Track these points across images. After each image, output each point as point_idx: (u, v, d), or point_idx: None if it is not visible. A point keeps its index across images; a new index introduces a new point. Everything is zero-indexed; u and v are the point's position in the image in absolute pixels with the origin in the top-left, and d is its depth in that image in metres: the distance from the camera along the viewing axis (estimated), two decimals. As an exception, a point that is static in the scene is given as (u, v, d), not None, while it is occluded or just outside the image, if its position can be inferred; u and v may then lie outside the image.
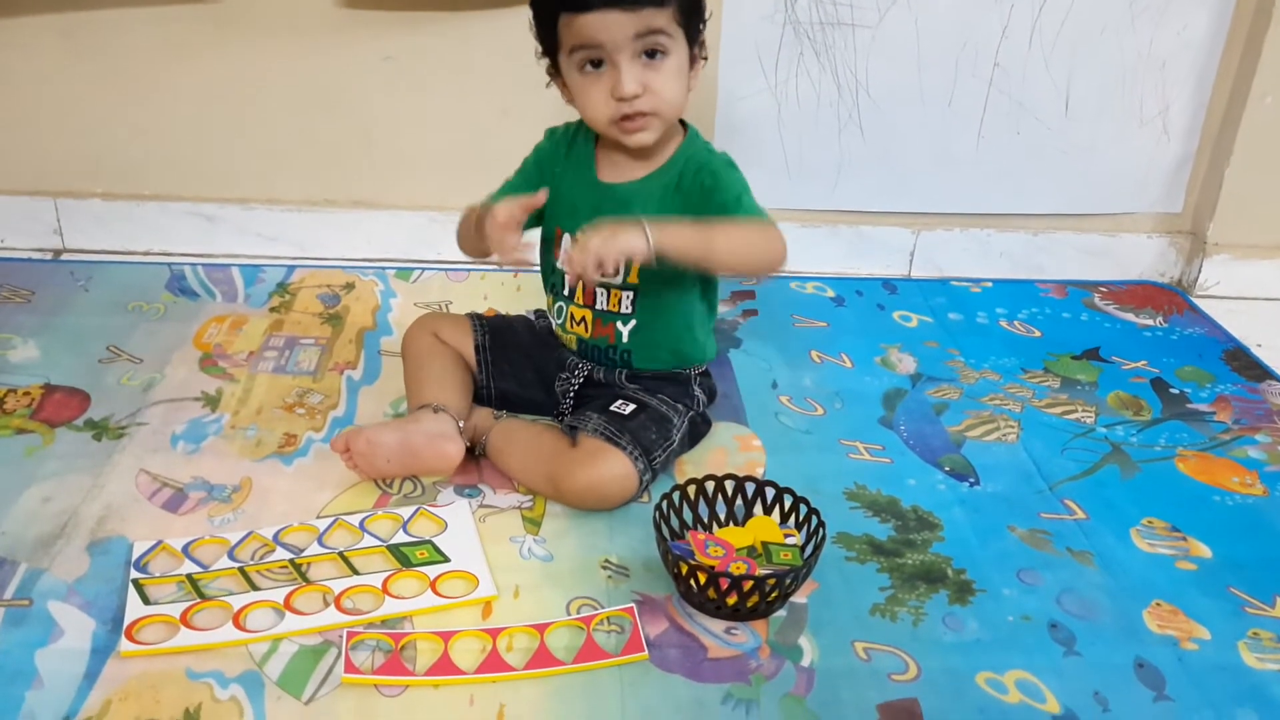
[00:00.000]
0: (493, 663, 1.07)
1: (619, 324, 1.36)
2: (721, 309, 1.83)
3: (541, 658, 1.08)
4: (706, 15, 1.28)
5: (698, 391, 1.42)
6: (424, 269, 1.93)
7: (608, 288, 1.34)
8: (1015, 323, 1.85)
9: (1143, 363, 1.74)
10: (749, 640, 1.13)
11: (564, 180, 1.35)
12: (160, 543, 1.21)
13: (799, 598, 1.18)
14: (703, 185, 1.29)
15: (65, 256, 1.93)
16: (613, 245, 1.16)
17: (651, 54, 1.21)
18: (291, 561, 1.20)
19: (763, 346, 1.72)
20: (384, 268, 1.93)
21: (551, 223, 1.38)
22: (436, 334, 1.45)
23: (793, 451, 1.45)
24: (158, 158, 1.90)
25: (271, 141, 1.89)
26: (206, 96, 1.85)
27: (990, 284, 1.99)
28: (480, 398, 1.45)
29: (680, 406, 1.38)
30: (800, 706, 1.05)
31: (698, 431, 1.43)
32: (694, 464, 1.40)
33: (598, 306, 1.36)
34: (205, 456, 1.38)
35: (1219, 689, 1.10)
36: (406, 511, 1.28)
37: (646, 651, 1.09)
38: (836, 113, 1.90)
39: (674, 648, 1.11)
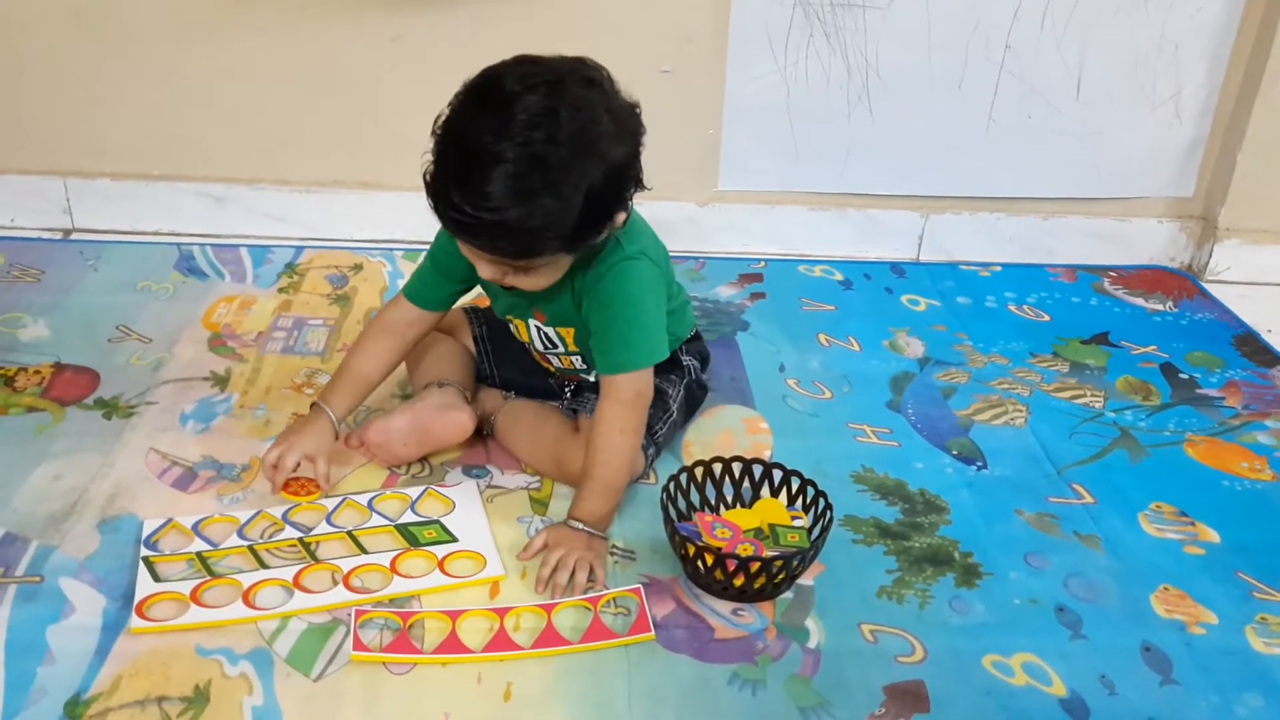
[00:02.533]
0: (500, 642, 1.08)
1: (582, 373, 1.37)
2: (728, 292, 1.83)
3: (549, 637, 1.09)
4: (633, 192, 1.14)
5: (688, 360, 1.41)
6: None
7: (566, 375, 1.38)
8: (1024, 307, 1.85)
9: (1152, 348, 1.73)
10: (756, 621, 1.13)
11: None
12: (170, 521, 1.21)
13: (806, 580, 1.19)
14: (590, 294, 1.21)
15: (75, 236, 1.93)
16: (568, 569, 1.15)
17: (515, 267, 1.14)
18: (300, 540, 1.20)
19: (770, 330, 1.72)
20: (392, 249, 1.93)
21: (492, 302, 1.36)
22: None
23: (800, 434, 1.45)
24: (166, 138, 1.89)
25: (280, 122, 1.89)
26: (215, 76, 1.85)
27: (999, 268, 1.98)
28: (488, 383, 1.45)
29: (674, 377, 1.38)
30: (806, 687, 1.05)
31: (695, 398, 1.43)
32: (701, 446, 1.40)
33: (555, 365, 1.38)
34: (214, 436, 1.38)
35: (1226, 673, 1.10)
36: (414, 491, 1.29)
37: (653, 632, 1.10)
38: (846, 95, 1.89)
39: (681, 628, 1.11)
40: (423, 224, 1.84)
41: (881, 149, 1.93)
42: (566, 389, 1.41)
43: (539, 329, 1.31)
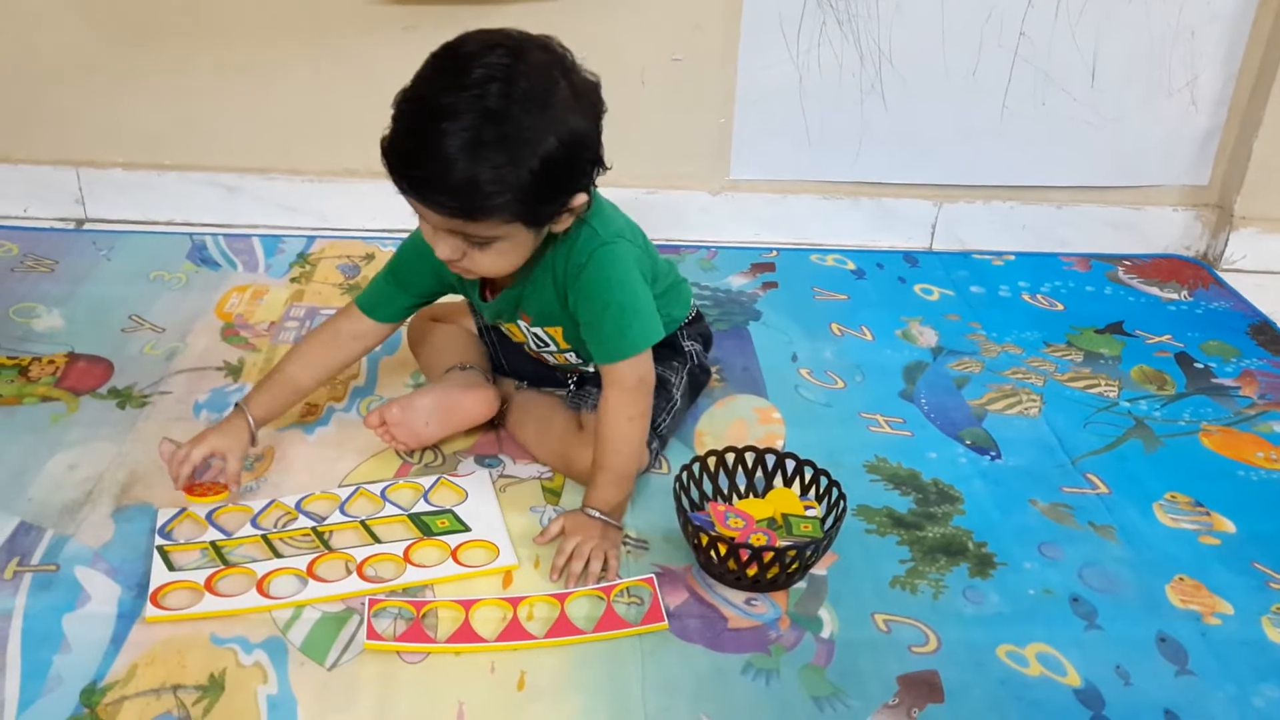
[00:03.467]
0: (513, 631, 1.08)
1: (580, 367, 1.37)
2: (741, 281, 1.83)
3: (562, 627, 1.09)
4: (594, 172, 1.12)
5: (689, 345, 1.40)
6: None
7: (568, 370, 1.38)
8: (1038, 296, 1.84)
9: (1167, 337, 1.72)
10: (769, 611, 1.13)
11: (461, 279, 1.26)
12: (184, 510, 1.22)
13: (819, 569, 1.18)
14: (574, 287, 1.19)
15: (88, 226, 1.93)
16: (584, 558, 1.15)
17: (472, 241, 1.10)
18: (314, 529, 1.21)
19: (783, 319, 1.71)
20: (403, 239, 1.92)
21: (463, 295, 1.34)
22: (438, 319, 1.45)
23: (813, 424, 1.44)
24: (179, 128, 1.90)
25: (292, 112, 1.89)
26: (228, 67, 1.85)
27: (1013, 257, 1.97)
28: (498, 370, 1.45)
29: (675, 364, 1.37)
30: (820, 677, 1.05)
31: (698, 383, 1.43)
32: (714, 436, 1.40)
33: (550, 362, 1.37)
34: (228, 425, 1.38)
35: (1242, 664, 1.09)
36: (427, 481, 1.29)
37: (666, 622, 1.10)
38: (859, 83, 1.88)
39: (694, 618, 1.11)
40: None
41: (894, 137, 1.92)
42: (571, 381, 1.41)
43: (529, 331, 1.30)
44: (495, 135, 1.02)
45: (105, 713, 0.97)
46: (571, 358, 1.34)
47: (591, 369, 1.35)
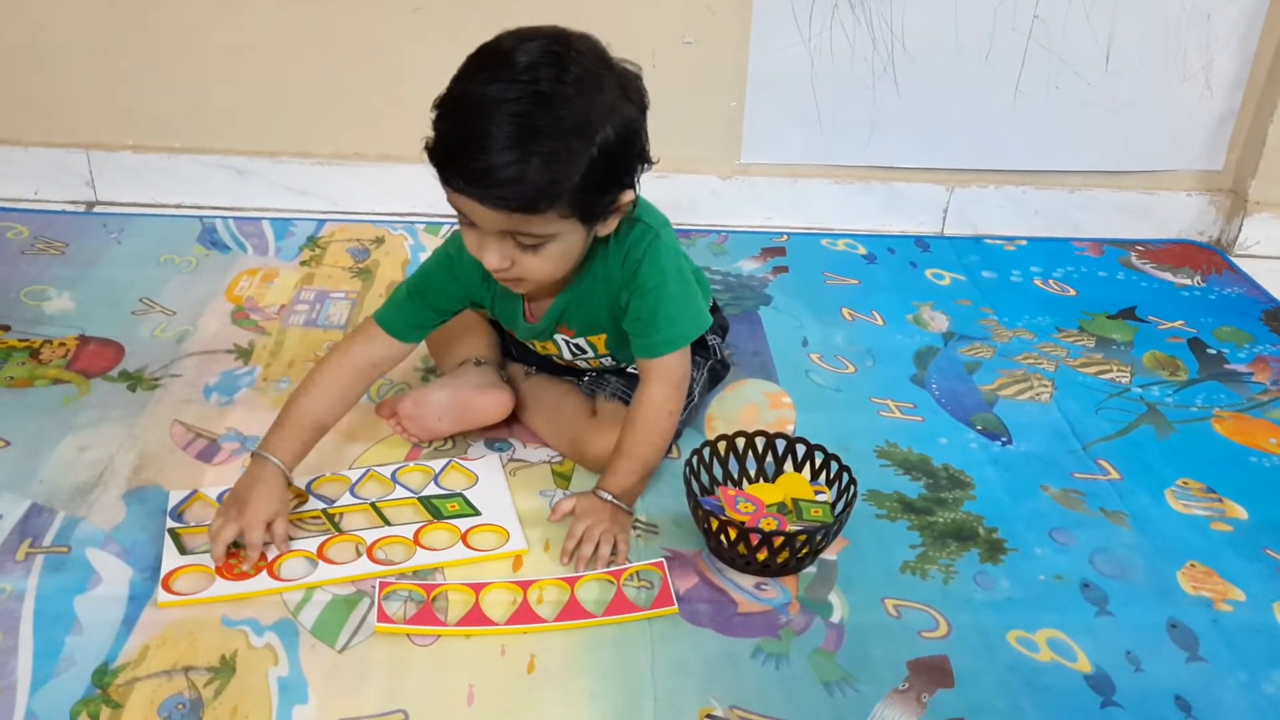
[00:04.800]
0: (524, 614, 1.08)
1: (606, 362, 1.34)
2: (751, 266, 1.82)
3: (572, 610, 1.09)
4: (641, 168, 1.09)
5: (711, 338, 1.40)
6: (453, 223, 1.91)
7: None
8: (1050, 281, 1.83)
9: (1180, 322, 1.72)
10: (779, 596, 1.13)
11: (499, 299, 1.25)
12: (195, 492, 1.22)
13: (829, 554, 1.18)
14: (634, 285, 1.17)
15: (98, 209, 1.93)
16: (594, 541, 1.15)
17: (524, 244, 1.06)
18: (324, 511, 1.21)
19: (794, 304, 1.71)
20: (413, 222, 1.92)
21: (500, 319, 1.32)
22: None
23: (823, 409, 1.44)
24: (189, 110, 1.89)
25: (302, 95, 1.88)
26: (238, 49, 1.84)
27: (1025, 242, 1.96)
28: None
29: (698, 359, 1.37)
30: (830, 662, 1.05)
31: (716, 376, 1.42)
32: (724, 421, 1.40)
33: (581, 368, 1.35)
34: (238, 408, 1.39)
35: (1253, 650, 1.09)
36: (438, 464, 1.29)
37: (676, 606, 1.10)
38: (871, 66, 1.87)
39: (704, 602, 1.11)
40: (444, 197, 1.84)
41: (906, 121, 1.91)
42: (589, 373, 1.40)
43: (567, 342, 1.29)
44: (550, 120, 0.97)
45: (117, 693, 0.98)
46: (606, 361, 1.32)
47: (622, 365, 1.34)
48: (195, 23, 1.82)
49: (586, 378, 1.39)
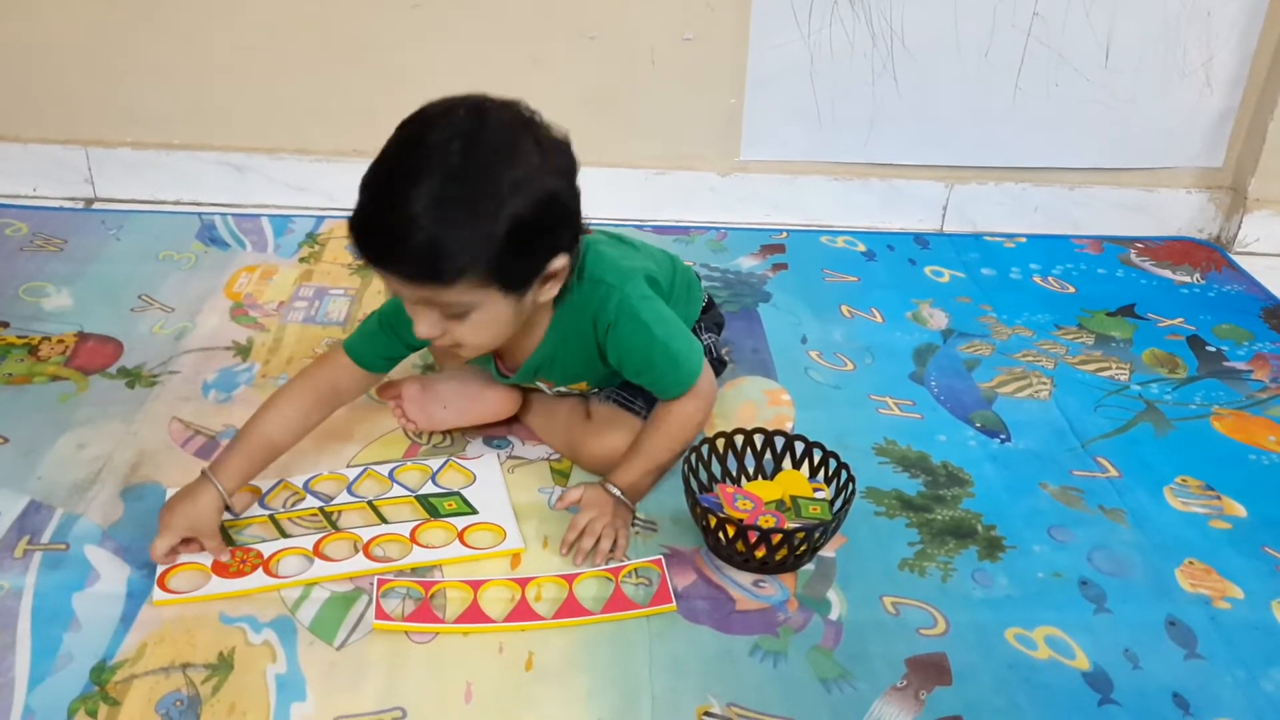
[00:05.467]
0: (522, 611, 1.08)
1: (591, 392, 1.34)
2: (750, 263, 1.82)
3: (570, 608, 1.09)
4: (571, 233, 1.08)
5: (706, 338, 1.40)
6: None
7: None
8: (1049, 278, 1.83)
9: (1179, 320, 1.71)
10: (777, 593, 1.13)
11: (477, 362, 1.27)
12: (193, 489, 1.22)
13: (827, 552, 1.18)
14: (610, 342, 1.17)
15: (96, 205, 1.93)
16: (595, 535, 1.15)
17: (448, 314, 1.05)
18: (321, 509, 1.21)
19: (792, 301, 1.71)
20: (413, 219, 1.92)
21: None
22: None
23: (822, 406, 1.44)
24: (188, 107, 1.89)
25: (301, 91, 1.88)
26: (236, 46, 1.84)
27: (1024, 239, 1.96)
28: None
29: None
30: (828, 659, 1.05)
31: (714, 372, 1.42)
32: (723, 418, 1.40)
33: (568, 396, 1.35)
34: (237, 405, 1.38)
35: (1252, 648, 1.09)
36: (435, 463, 1.29)
37: (675, 603, 1.10)
38: (870, 63, 1.86)
39: (702, 600, 1.11)
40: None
41: (906, 118, 1.91)
42: None
43: (550, 390, 1.31)
44: (458, 193, 0.98)
45: (115, 690, 0.98)
46: (588, 389, 1.33)
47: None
48: (194, 20, 1.82)
49: None
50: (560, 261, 1.07)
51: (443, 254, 0.98)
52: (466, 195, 0.98)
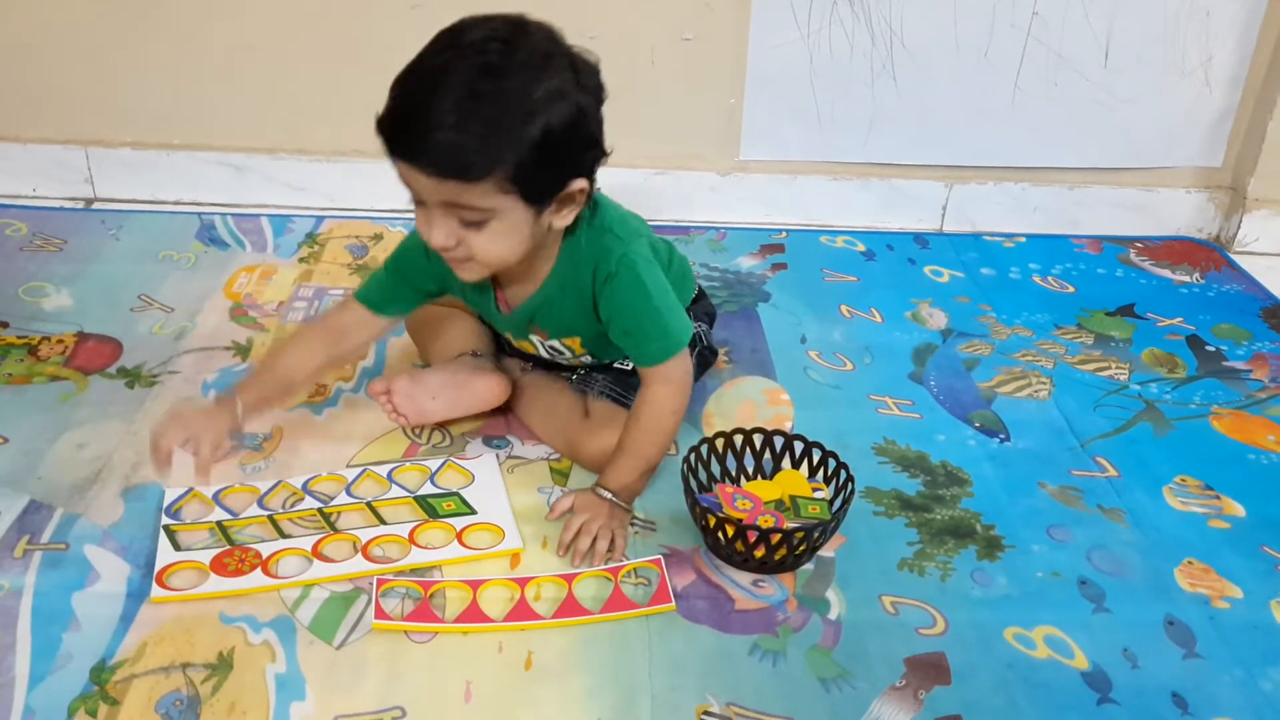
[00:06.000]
0: (521, 611, 1.08)
1: (587, 360, 1.35)
2: (750, 263, 1.82)
3: (569, 607, 1.09)
4: (593, 158, 1.09)
5: (697, 325, 1.39)
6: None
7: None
8: (1049, 278, 1.83)
9: (1179, 319, 1.71)
10: (776, 593, 1.13)
11: (473, 300, 1.29)
12: (191, 490, 1.22)
13: (827, 551, 1.18)
14: (605, 295, 1.18)
15: (96, 205, 1.93)
16: (590, 536, 1.15)
17: (467, 220, 1.06)
18: (320, 510, 1.21)
19: (792, 301, 1.71)
20: (412, 219, 1.91)
21: (474, 307, 1.34)
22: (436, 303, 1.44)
23: (821, 406, 1.44)
24: (187, 107, 1.89)
25: (300, 91, 1.88)
26: (236, 46, 1.84)
27: (1024, 239, 1.96)
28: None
29: None
30: (827, 659, 1.05)
31: (706, 363, 1.42)
32: (722, 418, 1.40)
33: (563, 366, 1.36)
34: (236, 405, 1.38)
35: (1250, 647, 1.09)
36: (434, 463, 1.29)
37: (674, 603, 1.10)
38: (870, 63, 1.87)
39: (701, 599, 1.11)
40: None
41: (905, 118, 1.91)
42: (578, 370, 1.40)
43: (542, 343, 1.30)
44: (492, 89, 0.98)
45: (115, 690, 0.98)
46: (587, 359, 1.33)
47: (605, 361, 1.35)
48: (194, 19, 1.82)
49: (576, 375, 1.39)
50: (580, 184, 1.08)
51: (473, 149, 0.99)
52: (502, 95, 0.99)
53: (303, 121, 1.91)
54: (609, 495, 1.19)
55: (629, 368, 1.33)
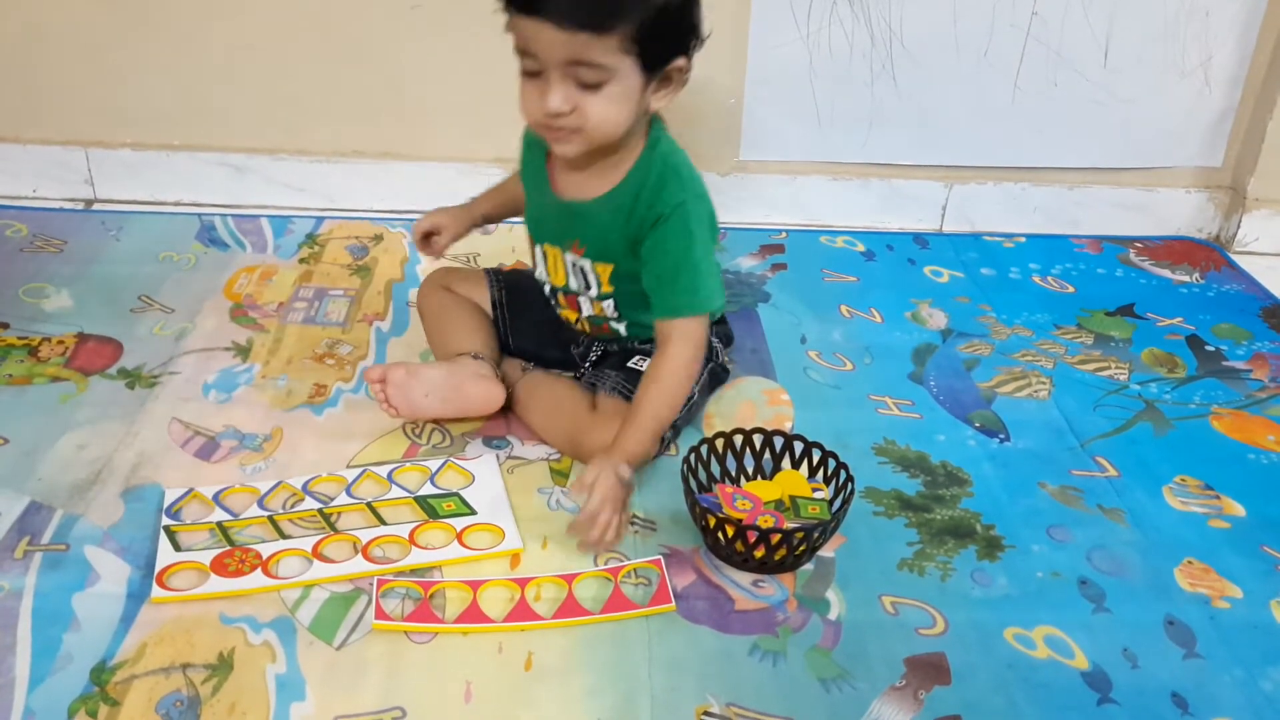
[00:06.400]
0: (521, 612, 1.08)
1: (612, 322, 1.35)
2: (750, 263, 1.82)
3: (569, 608, 1.09)
4: (694, 39, 1.17)
5: (714, 341, 1.40)
6: (452, 221, 1.92)
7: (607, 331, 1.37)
8: (1049, 278, 1.83)
9: (1178, 319, 1.71)
10: (776, 593, 1.13)
11: (529, 189, 1.35)
12: (191, 490, 1.22)
13: (827, 551, 1.18)
14: (652, 235, 1.22)
15: (96, 206, 1.93)
16: (605, 513, 1.14)
17: (585, 81, 1.11)
18: (320, 511, 1.21)
19: (792, 301, 1.71)
20: (412, 219, 1.91)
21: (529, 226, 1.38)
22: (450, 289, 1.45)
23: (822, 406, 1.44)
24: (188, 107, 1.89)
25: (300, 92, 1.88)
26: (236, 46, 1.84)
27: (1024, 239, 1.96)
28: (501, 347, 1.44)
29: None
30: (827, 659, 1.05)
31: (717, 380, 1.42)
32: (722, 418, 1.40)
33: (585, 312, 1.36)
34: (237, 406, 1.39)
35: (1250, 647, 1.09)
36: (434, 463, 1.29)
37: (674, 603, 1.10)
38: (869, 63, 1.87)
39: (701, 599, 1.12)
40: (444, 194, 1.85)
41: (905, 118, 1.91)
42: (592, 353, 1.40)
43: (575, 264, 1.30)
44: None
45: (115, 691, 0.98)
46: (608, 308, 1.33)
47: (623, 330, 1.35)
48: (194, 20, 1.82)
49: (586, 369, 1.39)
50: (681, 62, 1.16)
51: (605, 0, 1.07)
52: None
53: (303, 122, 1.91)
54: (629, 475, 1.18)
55: (643, 367, 1.32)
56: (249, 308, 1.61)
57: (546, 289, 1.38)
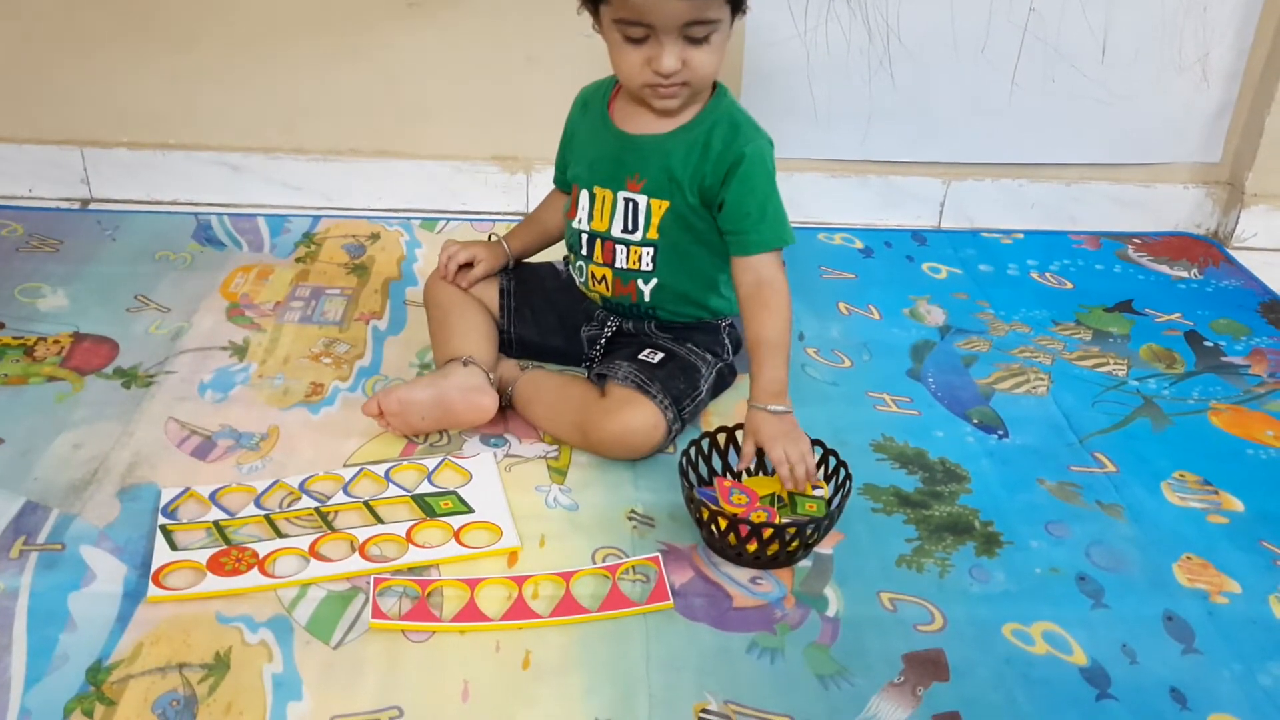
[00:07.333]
0: (519, 610, 1.08)
1: (640, 282, 1.35)
2: (748, 260, 1.81)
3: (567, 605, 1.09)
4: None
5: (726, 341, 1.41)
6: (449, 219, 1.92)
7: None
8: (1047, 274, 1.83)
9: (1177, 315, 1.71)
10: (774, 590, 1.13)
11: (579, 134, 1.38)
12: (188, 489, 1.22)
13: (824, 548, 1.18)
14: (732, 172, 1.27)
15: (93, 206, 1.93)
16: (802, 458, 1.19)
17: (695, 37, 1.19)
18: (317, 510, 1.21)
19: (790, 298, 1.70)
20: (409, 218, 1.92)
21: (571, 181, 1.38)
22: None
23: (820, 403, 1.44)
24: (184, 107, 1.89)
25: (296, 91, 1.88)
26: (232, 45, 1.84)
27: (1022, 235, 1.96)
28: (499, 343, 1.44)
29: (709, 356, 1.37)
30: (825, 656, 1.05)
31: (723, 382, 1.43)
32: (721, 414, 1.40)
33: (617, 265, 1.35)
34: (233, 405, 1.38)
35: (1249, 642, 1.09)
36: (431, 462, 1.29)
37: (672, 600, 1.10)
38: (867, 60, 1.86)
39: (699, 597, 1.11)
40: (441, 192, 1.85)
41: (903, 115, 1.90)
42: (605, 331, 1.39)
43: (628, 200, 1.31)
44: None
45: (111, 691, 0.98)
46: (645, 258, 1.33)
47: (648, 296, 1.35)
48: (190, 20, 1.82)
49: (595, 359, 1.39)
50: (744, 4, 1.23)
51: None
52: None
53: (299, 121, 1.91)
54: (781, 409, 1.21)
55: (654, 359, 1.32)
56: (245, 307, 1.61)
57: (582, 247, 1.36)
